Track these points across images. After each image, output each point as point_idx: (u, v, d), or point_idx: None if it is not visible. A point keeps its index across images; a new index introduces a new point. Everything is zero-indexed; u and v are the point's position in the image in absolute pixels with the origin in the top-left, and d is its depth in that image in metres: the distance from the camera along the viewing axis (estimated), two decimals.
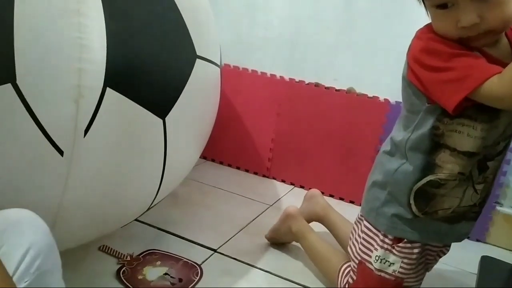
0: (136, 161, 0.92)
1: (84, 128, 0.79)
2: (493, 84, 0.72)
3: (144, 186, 1.00)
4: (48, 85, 0.73)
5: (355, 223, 1.02)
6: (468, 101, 0.76)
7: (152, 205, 1.11)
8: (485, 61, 0.75)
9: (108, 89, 0.79)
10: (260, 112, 1.67)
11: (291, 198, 1.55)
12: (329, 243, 1.12)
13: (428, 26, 0.82)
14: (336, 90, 1.56)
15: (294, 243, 1.23)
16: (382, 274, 0.93)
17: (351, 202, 1.58)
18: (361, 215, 1.00)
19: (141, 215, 1.15)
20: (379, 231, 0.94)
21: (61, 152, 0.78)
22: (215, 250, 1.19)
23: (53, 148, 0.77)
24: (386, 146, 0.95)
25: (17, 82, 0.71)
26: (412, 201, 0.88)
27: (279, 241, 1.23)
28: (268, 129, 1.67)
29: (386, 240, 0.93)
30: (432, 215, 0.89)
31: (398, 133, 0.91)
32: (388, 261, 0.92)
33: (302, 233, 1.13)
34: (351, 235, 1.03)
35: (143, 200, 1.04)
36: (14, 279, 0.62)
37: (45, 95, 0.73)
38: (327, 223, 1.19)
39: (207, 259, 1.15)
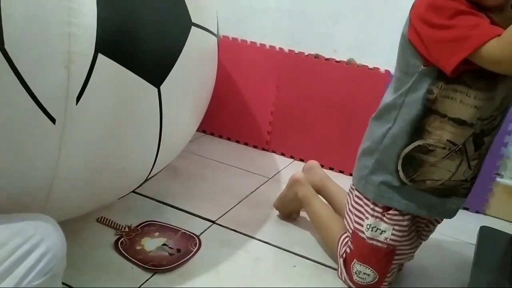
0: (131, 131, 0.91)
1: (76, 95, 0.77)
2: (492, 46, 0.70)
3: (140, 156, 0.99)
4: (37, 50, 0.71)
5: (348, 194, 1.02)
6: (466, 64, 0.74)
7: (149, 177, 1.10)
8: (489, 23, 0.73)
9: (99, 55, 0.77)
10: (259, 84, 1.65)
11: (291, 171, 1.53)
12: (333, 212, 1.11)
13: None
14: (336, 61, 1.54)
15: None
16: (374, 242, 0.93)
17: (351, 175, 1.57)
18: (352, 185, 1.00)
19: (139, 187, 1.14)
20: (368, 199, 0.93)
21: (53, 120, 0.76)
22: (213, 222, 1.19)
23: (44, 116, 0.75)
24: (375, 112, 0.94)
25: (5, 47, 0.69)
26: (399, 167, 0.88)
27: (286, 209, 1.22)
28: (267, 102, 1.65)
29: (376, 209, 0.92)
30: (420, 184, 0.88)
31: (387, 96, 0.89)
32: (380, 229, 0.92)
33: (308, 198, 1.13)
34: (345, 206, 1.03)
35: (140, 171, 1.04)
36: (30, 277, 0.68)
37: (34, 61, 0.71)
38: (325, 193, 1.19)
39: (205, 230, 1.15)
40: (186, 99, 1.04)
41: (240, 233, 1.16)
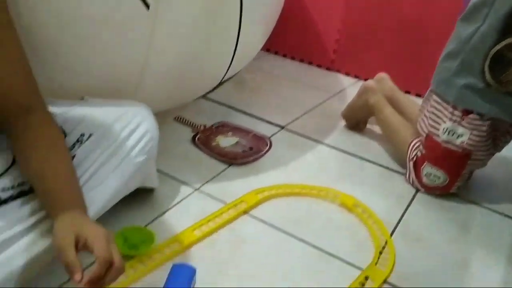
0: (214, 28, 0.94)
1: None
2: None
3: (220, 54, 1.02)
4: None
5: (424, 100, 1.02)
6: None
7: (223, 79, 1.14)
8: None
9: None
10: (327, 0, 1.61)
11: (356, 90, 1.53)
12: (404, 119, 1.12)
13: None
14: None
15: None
16: (449, 146, 0.94)
17: (418, 95, 1.55)
18: (430, 90, 0.99)
19: (212, 90, 1.19)
20: (448, 103, 0.93)
21: (147, 5, 0.80)
22: (282, 127, 1.23)
23: (140, 1, 0.79)
24: (462, 13, 0.91)
25: None
26: (486, 68, 0.86)
27: (354, 118, 1.23)
28: (334, 19, 1.62)
29: (456, 112, 0.92)
30: (506, 86, 0.86)
31: None
32: (457, 133, 0.92)
33: (379, 106, 1.14)
34: (419, 112, 1.03)
35: (218, 70, 1.08)
36: (134, 153, 0.76)
37: None
38: (395, 103, 1.18)
39: (275, 134, 1.19)
40: (263, 1, 1.05)
41: (308, 138, 1.19)
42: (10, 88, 0.62)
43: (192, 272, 0.69)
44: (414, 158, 1.01)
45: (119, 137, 0.76)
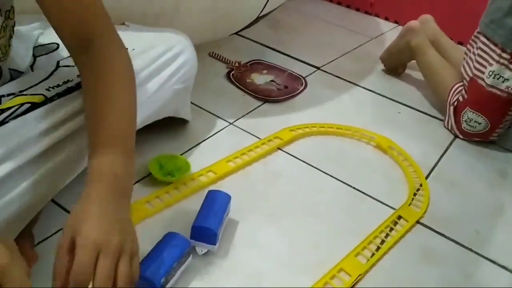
0: None
1: None
2: None
3: None
4: None
5: (470, 43, 0.98)
6: None
7: (260, 15, 1.11)
8: None
9: None
10: None
11: (395, 35, 1.48)
12: (446, 62, 1.08)
13: None
14: None
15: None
16: (494, 90, 0.90)
17: (460, 43, 1.48)
18: (478, 32, 0.95)
19: (246, 28, 1.16)
20: (496, 45, 0.89)
21: None
22: (318, 68, 1.20)
23: None
24: None
25: None
26: None
27: (393, 61, 1.19)
28: None
29: (504, 55, 0.88)
30: None
31: None
32: (503, 77, 0.88)
33: (422, 48, 1.09)
34: (465, 55, 0.99)
35: (254, 6, 1.04)
36: (173, 81, 0.76)
37: None
38: (438, 47, 1.14)
39: (310, 74, 1.17)
40: None
41: (344, 80, 1.16)
42: (88, 13, 0.57)
43: (227, 198, 0.70)
44: (455, 103, 0.98)
45: (161, 60, 0.75)
